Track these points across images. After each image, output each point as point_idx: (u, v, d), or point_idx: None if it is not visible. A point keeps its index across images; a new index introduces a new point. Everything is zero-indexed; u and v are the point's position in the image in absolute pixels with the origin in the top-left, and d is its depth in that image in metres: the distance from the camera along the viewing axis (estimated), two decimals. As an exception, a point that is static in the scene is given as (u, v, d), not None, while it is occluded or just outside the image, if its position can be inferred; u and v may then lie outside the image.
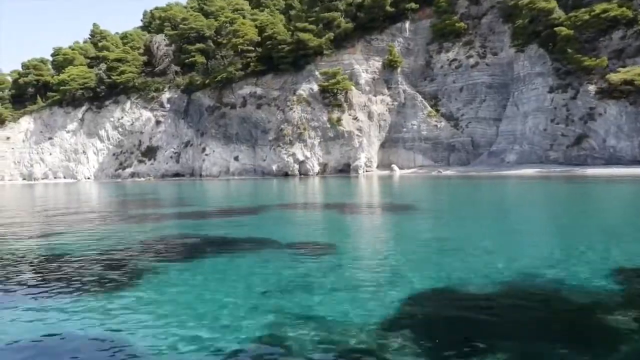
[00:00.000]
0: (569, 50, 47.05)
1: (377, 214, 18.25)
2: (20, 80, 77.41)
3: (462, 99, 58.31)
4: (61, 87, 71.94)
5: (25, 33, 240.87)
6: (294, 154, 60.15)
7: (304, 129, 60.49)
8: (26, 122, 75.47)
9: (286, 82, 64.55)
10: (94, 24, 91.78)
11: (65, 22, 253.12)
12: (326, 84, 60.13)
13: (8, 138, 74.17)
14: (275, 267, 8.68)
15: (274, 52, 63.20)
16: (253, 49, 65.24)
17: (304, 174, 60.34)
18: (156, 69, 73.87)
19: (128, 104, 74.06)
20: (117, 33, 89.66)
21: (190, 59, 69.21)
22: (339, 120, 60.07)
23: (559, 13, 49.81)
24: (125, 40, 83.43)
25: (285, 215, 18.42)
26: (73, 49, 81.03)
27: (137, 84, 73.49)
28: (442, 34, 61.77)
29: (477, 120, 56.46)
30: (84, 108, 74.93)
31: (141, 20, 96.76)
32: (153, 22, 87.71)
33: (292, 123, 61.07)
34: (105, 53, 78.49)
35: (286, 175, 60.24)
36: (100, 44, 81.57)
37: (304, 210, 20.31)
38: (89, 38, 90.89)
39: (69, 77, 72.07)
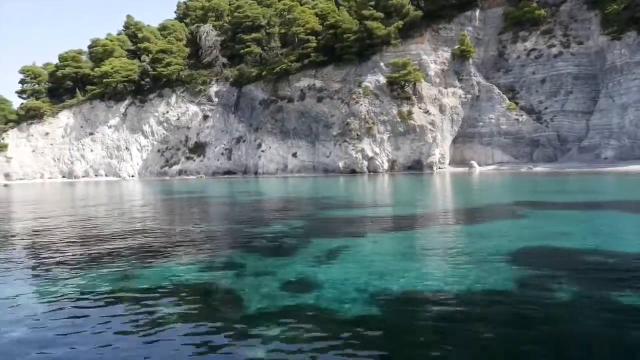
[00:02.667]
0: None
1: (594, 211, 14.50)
2: (58, 73, 73.46)
3: (545, 91, 54.57)
4: (104, 80, 68.00)
5: (46, 28, 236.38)
6: (362, 150, 56.39)
7: (373, 123, 56.73)
8: (65, 117, 71.57)
9: (349, 73, 60.76)
10: (128, 16, 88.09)
11: (90, 16, 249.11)
12: (396, 75, 56.34)
13: (47, 134, 70.27)
14: None
15: (337, 42, 59.38)
16: (314, 38, 61.29)
17: (372, 171, 56.60)
18: (204, 60, 70.00)
19: (173, 98, 70.23)
20: (148, 26, 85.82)
21: (245, 50, 65.29)
22: (409, 114, 56.33)
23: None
24: (164, 32, 79.58)
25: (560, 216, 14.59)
26: (111, 40, 77.00)
27: (183, 76, 69.65)
28: (516, 22, 58.12)
29: (563, 113, 52.72)
30: (126, 102, 71.09)
31: (175, 12, 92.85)
32: (190, 13, 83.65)
33: (359, 117, 57.29)
34: (146, 44, 74.72)
35: (353, 172, 56.48)
36: (140, 35, 77.66)
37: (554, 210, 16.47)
38: (123, 30, 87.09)
39: (111, 68, 68.13)
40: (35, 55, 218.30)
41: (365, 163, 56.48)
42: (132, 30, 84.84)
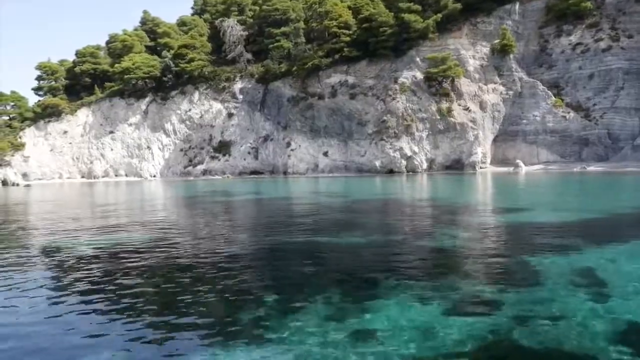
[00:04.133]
0: None
1: None
2: (76, 69, 70.78)
3: (593, 87, 52.06)
4: (125, 76, 65.40)
5: (58, 24, 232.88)
6: (400, 149, 53.89)
7: (411, 120, 54.24)
8: (84, 115, 68.95)
9: (383, 69, 58.25)
10: (144, 11, 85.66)
11: (103, 11, 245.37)
12: (435, 70, 53.83)
13: (65, 132, 67.66)
14: None
15: (372, 36, 56.84)
16: (347, 32, 58.72)
17: (410, 171, 54.10)
18: (228, 56, 67.43)
19: (196, 95, 67.65)
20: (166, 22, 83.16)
21: (274, 44, 62.67)
22: (449, 111, 53.86)
23: None
24: (183, 28, 76.95)
25: None
26: (129, 36, 74.40)
27: (206, 73, 67.08)
28: (560, 15, 55.67)
29: (614, 110, 50.18)
30: (147, 99, 68.49)
31: (192, 8, 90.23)
32: (209, 8, 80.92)
33: (397, 114, 54.78)
34: (167, 40, 72.13)
35: (391, 172, 53.97)
36: (159, 30, 75.08)
37: None
38: (139, 26, 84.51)
39: (133, 64, 65.52)
40: (43, 53, 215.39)
41: (404, 162, 53.97)
42: (150, 26, 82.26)
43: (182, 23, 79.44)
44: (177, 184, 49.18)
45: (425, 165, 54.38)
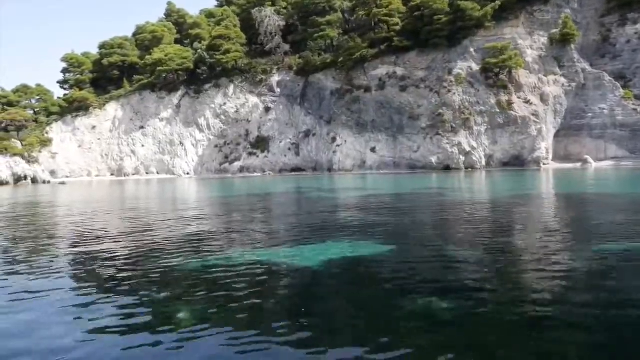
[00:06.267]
0: None
1: None
2: (104, 61, 67.35)
3: (664, 79, 49.13)
4: (158, 68, 62.09)
5: (75, 17, 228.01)
6: (459, 144, 50.82)
7: (470, 114, 51.18)
8: (113, 109, 65.60)
9: (435, 60, 55.13)
10: (169, 2, 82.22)
11: (123, 4, 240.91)
12: (494, 60, 50.76)
13: (94, 127, 64.33)
14: None
15: (424, 25, 53.74)
16: (396, 21, 55.64)
17: (469, 167, 51.01)
18: (266, 47, 64.20)
19: (231, 89, 64.43)
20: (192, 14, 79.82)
21: (319, 34, 59.49)
22: (509, 103, 50.80)
23: None
24: (211, 19, 73.61)
25: None
26: (158, 27, 71.08)
27: (242, 65, 63.89)
28: (623, 3, 52.68)
29: (689, 102, 47.24)
30: (179, 93, 65.22)
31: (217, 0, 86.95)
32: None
33: (453, 107, 51.72)
34: (198, 31, 68.89)
35: (447, 169, 50.87)
36: (189, 21, 71.85)
37: None
38: (164, 18, 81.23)
39: (165, 56, 62.22)
40: (53, 48, 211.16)
41: (462, 158, 50.91)
42: (175, 18, 79.06)
43: (209, 15, 76.17)
44: (219, 182, 45.80)
45: (483, 162, 51.33)
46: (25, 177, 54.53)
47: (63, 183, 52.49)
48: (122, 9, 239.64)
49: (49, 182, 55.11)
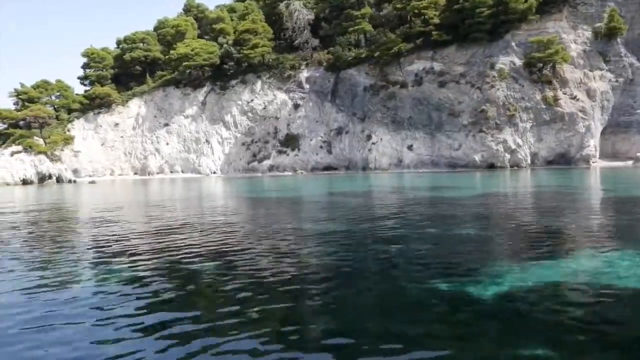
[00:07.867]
0: None
1: None
2: (126, 57, 65.20)
3: None
4: (183, 63, 59.97)
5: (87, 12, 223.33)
6: (504, 141, 49.03)
7: (515, 110, 49.36)
8: (136, 106, 63.47)
9: (475, 54, 53.31)
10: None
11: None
12: (540, 55, 48.98)
13: (116, 124, 62.20)
14: None
15: (464, 18, 51.91)
16: (434, 14, 53.77)
17: (514, 165, 49.22)
18: (295, 42, 62.18)
19: (258, 85, 62.41)
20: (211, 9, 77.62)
21: (354, 28, 57.54)
22: (555, 99, 49.04)
23: None
24: (234, 14, 71.53)
25: None
26: (181, 21, 68.92)
27: (270, 60, 61.87)
28: (670, -4, 50.95)
29: None
30: (205, 89, 63.15)
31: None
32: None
33: (497, 103, 49.92)
34: (222, 25, 66.81)
35: (491, 167, 49.06)
36: (210, 16, 69.79)
37: None
38: (183, 13, 79.13)
39: (191, 50, 60.11)
40: (61, 46, 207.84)
41: (507, 156, 49.15)
42: (194, 13, 76.99)
43: (231, 9, 74.14)
44: (252, 181, 43.77)
45: (529, 160, 49.55)
46: (50, 176, 52.43)
47: (93, 182, 50.39)
48: (139, 4, 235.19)
49: (74, 181, 53.03)
